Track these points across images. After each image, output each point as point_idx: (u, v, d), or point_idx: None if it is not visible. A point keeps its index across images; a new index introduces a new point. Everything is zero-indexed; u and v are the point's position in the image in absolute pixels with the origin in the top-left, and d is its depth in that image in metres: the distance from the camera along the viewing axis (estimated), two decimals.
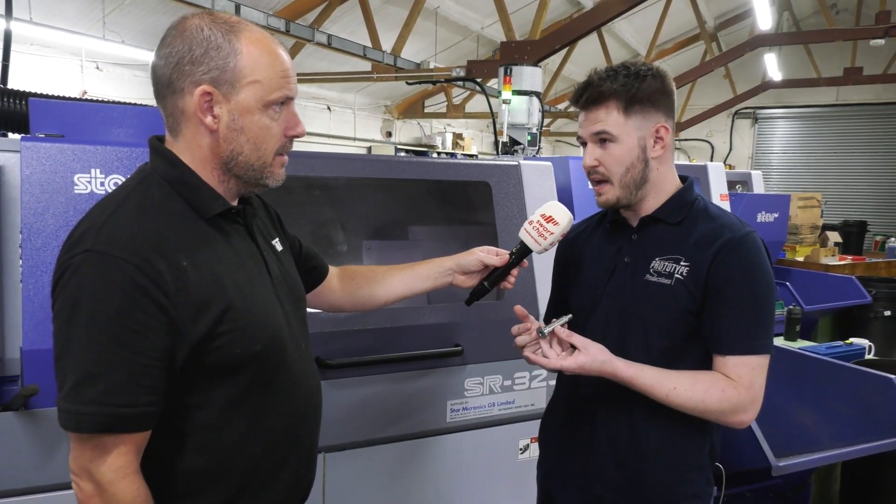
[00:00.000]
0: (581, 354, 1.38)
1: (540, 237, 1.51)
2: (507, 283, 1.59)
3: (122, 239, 1.05)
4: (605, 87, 1.44)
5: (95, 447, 1.04)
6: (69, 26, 7.15)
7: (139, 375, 1.04)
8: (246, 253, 1.23)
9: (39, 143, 1.60)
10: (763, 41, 10.87)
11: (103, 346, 1.02)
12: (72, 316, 1.03)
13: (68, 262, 1.05)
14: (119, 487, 1.05)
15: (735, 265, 1.39)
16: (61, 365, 1.05)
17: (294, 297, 1.33)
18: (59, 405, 1.05)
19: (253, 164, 1.17)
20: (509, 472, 2.17)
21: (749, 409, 1.40)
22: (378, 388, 1.92)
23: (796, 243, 6.44)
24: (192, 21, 1.13)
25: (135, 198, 1.12)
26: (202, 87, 1.11)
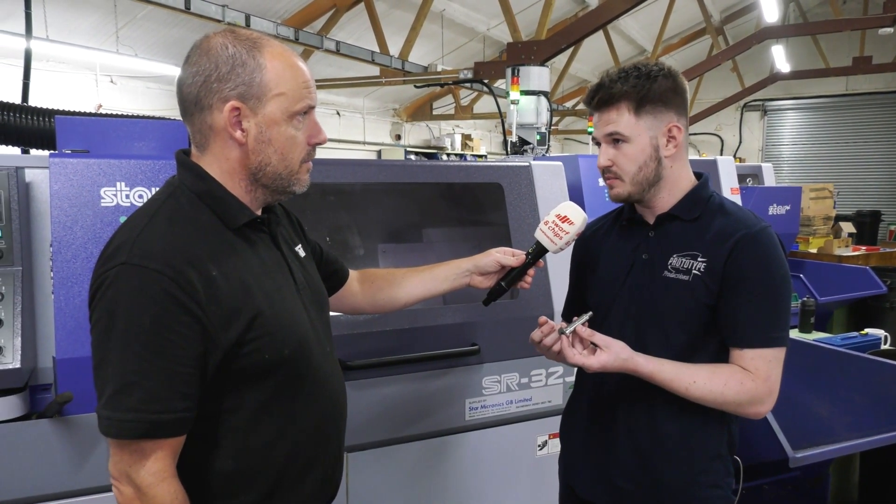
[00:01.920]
0: (604, 353, 1.42)
1: (556, 237, 1.54)
2: (524, 284, 1.61)
3: (155, 251, 1.09)
4: (616, 88, 1.47)
5: (134, 452, 1.08)
6: (84, 41, 7.26)
7: (175, 383, 1.08)
8: (272, 261, 1.26)
9: (67, 159, 1.66)
10: (770, 33, 10.82)
11: (140, 355, 1.06)
12: (109, 327, 1.07)
13: (104, 276, 1.10)
14: (157, 491, 1.09)
15: (751, 260, 1.43)
16: (100, 374, 1.09)
17: (318, 301, 1.37)
18: (98, 413, 1.09)
19: (280, 173, 1.21)
20: (528, 469, 2.21)
21: (766, 400, 1.44)
22: (398, 388, 1.97)
23: (809, 235, 6.42)
24: (215, 39, 1.17)
25: (165, 211, 1.16)
26: (231, 103, 1.15)
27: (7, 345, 1.55)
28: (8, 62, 6.96)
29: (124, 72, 8.36)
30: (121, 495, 1.11)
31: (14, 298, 1.60)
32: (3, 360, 1.54)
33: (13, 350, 1.55)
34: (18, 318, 1.58)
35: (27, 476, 1.56)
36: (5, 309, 1.57)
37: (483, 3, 9.61)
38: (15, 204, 1.65)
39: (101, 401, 1.09)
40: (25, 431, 1.56)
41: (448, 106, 13.32)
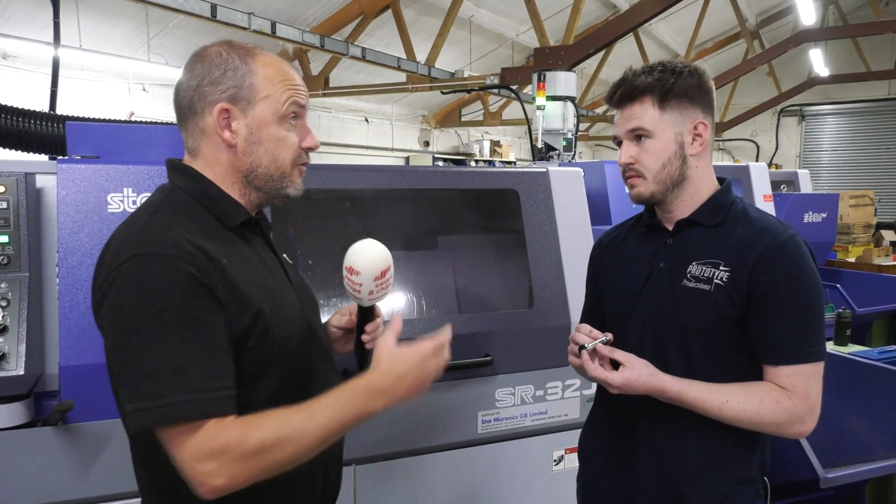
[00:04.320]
0: (626, 370, 1.35)
1: (354, 293, 1.32)
2: (371, 343, 1.39)
3: (166, 240, 1.08)
4: (640, 81, 1.41)
5: (196, 431, 1.02)
6: (116, 50, 7.43)
7: (221, 359, 1.07)
8: (269, 260, 1.28)
9: (74, 165, 1.65)
10: (807, 36, 10.57)
11: (181, 336, 1.03)
12: (134, 320, 1.04)
13: (115, 273, 1.06)
14: (236, 438, 1.03)
15: (780, 271, 1.34)
16: (132, 371, 1.03)
17: (311, 302, 1.39)
18: (136, 408, 1.02)
19: (272, 174, 1.22)
20: (544, 484, 2.14)
21: (807, 419, 1.35)
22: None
23: (848, 244, 6.21)
24: (211, 48, 1.21)
25: (164, 209, 1.16)
26: (220, 105, 1.17)
27: (11, 351, 1.54)
28: (45, 71, 7.14)
29: (156, 80, 8.52)
30: (210, 475, 1.02)
31: (20, 304, 1.59)
32: (6, 366, 1.53)
33: (17, 357, 1.54)
34: (24, 324, 1.58)
35: (31, 484, 1.55)
36: (11, 315, 1.57)
37: (512, 8, 9.57)
38: (23, 210, 1.65)
39: (137, 394, 1.02)
40: (29, 439, 1.56)
41: (477, 112, 13.31)
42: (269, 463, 1.05)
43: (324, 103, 10.93)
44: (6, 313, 1.57)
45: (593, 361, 1.38)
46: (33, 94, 5.96)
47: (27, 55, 7.18)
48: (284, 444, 1.05)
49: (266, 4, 7.41)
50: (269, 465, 1.05)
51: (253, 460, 1.03)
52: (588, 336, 1.40)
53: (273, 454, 1.05)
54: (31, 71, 7.33)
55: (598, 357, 1.39)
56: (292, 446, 1.06)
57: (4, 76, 7.23)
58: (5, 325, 1.56)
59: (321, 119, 11.25)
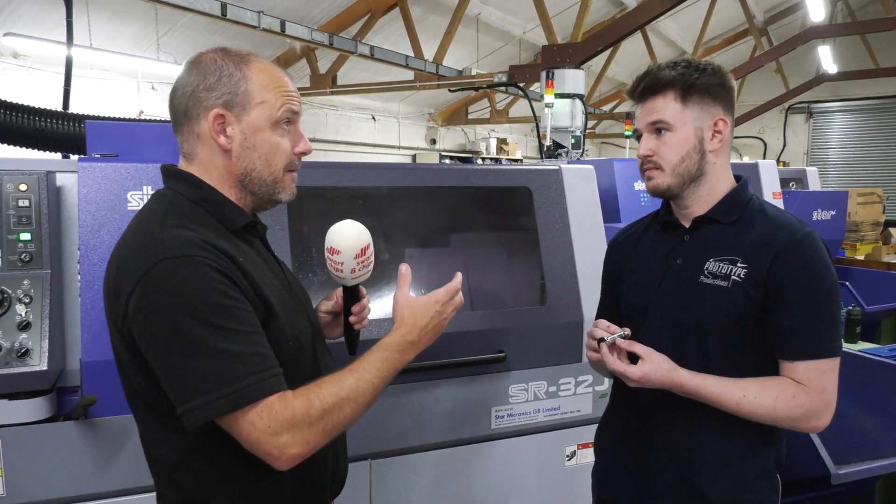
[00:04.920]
0: (645, 363, 1.37)
1: (337, 273, 1.36)
2: (358, 324, 1.45)
3: (188, 242, 1.12)
4: (664, 75, 1.43)
5: (264, 409, 1.08)
6: (126, 49, 7.47)
7: (263, 342, 1.13)
8: (270, 262, 1.32)
9: (95, 164, 1.68)
10: (816, 33, 10.53)
11: (228, 328, 1.08)
12: (182, 320, 1.07)
13: (146, 279, 1.08)
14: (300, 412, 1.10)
15: (798, 267, 1.35)
16: (193, 366, 1.07)
17: (307, 300, 1.43)
18: (208, 400, 1.05)
19: (265, 179, 1.25)
20: (557, 479, 2.16)
21: (823, 413, 1.37)
22: (423, 394, 1.94)
23: (857, 241, 6.21)
24: (206, 55, 1.23)
25: (173, 215, 1.18)
26: (215, 111, 1.20)
27: (34, 347, 1.57)
28: (55, 70, 7.19)
29: (165, 78, 8.57)
30: (286, 446, 1.09)
31: (42, 301, 1.62)
32: (30, 362, 1.56)
33: (40, 352, 1.57)
34: (46, 320, 1.60)
35: (53, 477, 1.58)
36: (33, 312, 1.60)
37: (519, 6, 9.57)
38: (45, 208, 1.67)
39: (206, 387, 1.06)
40: (52, 433, 1.58)
41: (483, 110, 13.31)
42: (333, 425, 1.13)
43: (331, 101, 10.96)
44: (29, 310, 1.60)
45: (612, 355, 1.40)
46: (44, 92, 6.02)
47: (37, 54, 7.24)
48: (343, 404, 1.14)
49: (274, 3, 7.43)
50: (334, 426, 1.14)
51: (320, 424, 1.11)
52: (606, 331, 1.42)
53: (335, 415, 1.13)
54: (41, 70, 7.39)
55: (617, 351, 1.40)
56: (350, 405, 1.15)
57: (15, 75, 7.29)
58: (28, 321, 1.58)
59: (328, 117, 11.28)
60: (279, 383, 1.11)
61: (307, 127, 10.97)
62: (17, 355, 1.55)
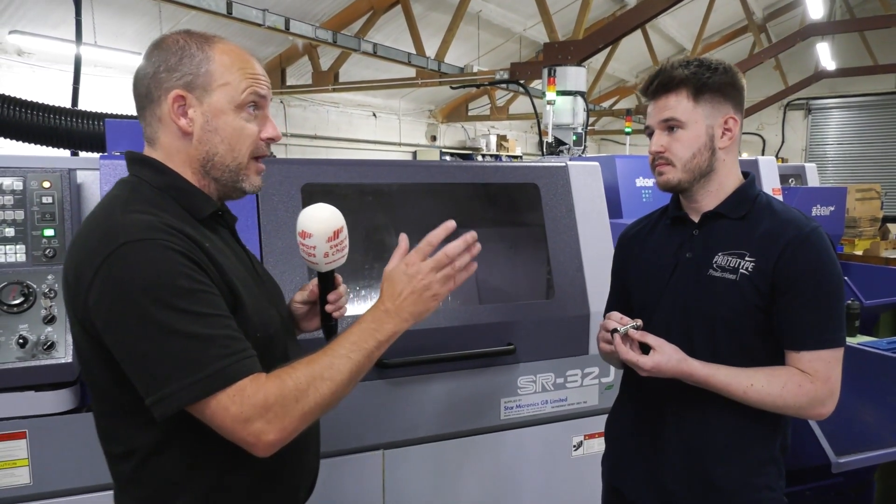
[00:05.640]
0: (657, 354, 1.42)
1: (310, 258, 1.32)
2: (336, 312, 1.41)
3: (149, 225, 1.07)
4: (677, 73, 1.47)
5: (237, 394, 1.04)
6: (130, 47, 7.49)
7: (232, 325, 1.08)
8: (238, 253, 1.28)
9: (116, 161, 1.72)
10: (815, 30, 10.57)
11: (196, 312, 1.04)
12: (145, 307, 1.01)
13: (106, 265, 1.03)
14: (273, 394, 1.06)
15: (804, 261, 1.40)
16: (161, 354, 1.02)
17: (277, 293, 1.39)
18: (180, 386, 1.01)
19: (228, 164, 1.20)
20: (564, 469, 2.21)
21: (827, 401, 1.42)
22: (433, 386, 1.98)
23: (855, 237, 6.25)
24: (170, 37, 1.19)
25: (136, 201, 1.13)
26: (175, 91, 1.16)
27: (60, 340, 1.61)
28: (59, 68, 7.22)
29: None
30: (262, 432, 1.04)
31: None
32: (55, 354, 1.60)
33: (65, 345, 1.61)
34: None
35: (77, 467, 1.62)
36: (58, 305, 1.64)
37: (520, 3, 9.60)
38: (67, 204, 1.71)
39: (176, 374, 1.02)
40: (76, 424, 1.62)
41: (484, 107, 13.34)
42: (311, 406, 1.08)
43: (333, 98, 10.98)
44: (53, 304, 1.64)
45: (625, 345, 1.45)
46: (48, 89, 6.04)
47: (42, 51, 7.26)
48: (318, 383, 1.09)
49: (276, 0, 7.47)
50: (312, 407, 1.08)
51: (296, 406, 1.06)
52: (619, 322, 1.46)
53: (311, 396, 1.08)
54: (45, 67, 7.41)
55: (629, 341, 1.45)
56: (326, 384, 1.09)
57: (20, 72, 7.31)
58: (53, 315, 1.62)
59: (330, 114, 11.31)
60: (253, 364, 1.07)
61: (309, 124, 11.07)
62: (42, 348, 1.59)
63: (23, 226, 1.66)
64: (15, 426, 1.57)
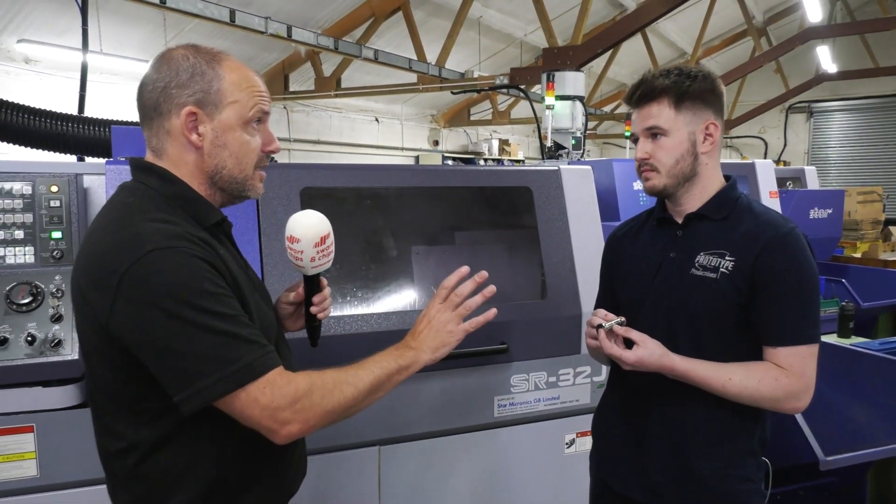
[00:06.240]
0: (640, 348, 1.47)
1: (297, 261, 1.39)
2: (321, 313, 1.48)
3: (171, 234, 1.14)
4: (658, 83, 1.54)
5: (267, 385, 1.12)
6: (134, 54, 7.58)
7: (252, 325, 1.17)
8: (237, 258, 1.35)
9: (121, 166, 1.78)
10: (814, 34, 10.61)
11: (222, 315, 1.11)
12: (174, 309, 1.08)
13: (132, 271, 1.08)
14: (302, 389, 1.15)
15: (781, 261, 1.46)
16: (194, 350, 1.09)
17: (268, 297, 1.45)
18: (214, 380, 1.08)
19: (236, 176, 1.28)
20: (557, 466, 2.25)
21: (802, 395, 1.48)
22: (428, 384, 2.04)
23: (857, 239, 6.26)
24: (177, 51, 1.24)
25: (149, 209, 1.19)
26: (188, 108, 1.21)
27: (66, 338, 1.67)
28: (66, 75, 7.31)
29: None
30: (287, 421, 1.13)
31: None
32: (62, 351, 1.66)
33: (71, 342, 1.67)
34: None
35: (82, 460, 1.67)
36: (65, 305, 1.70)
37: (520, 9, 9.67)
38: (74, 208, 1.78)
39: (209, 369, 1.09)
40: (82, 419, 1.66)
41: (485, 111, 13.41)
42: (333, 405, 1.18)
43: (335, 104, 11.06)
44: (60, 303, 1.70)
45: (609, 341, 1.50)
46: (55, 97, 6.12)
47: (48, 59, 7.36)
48: (343, 386, 1.20)
49: (278, 7, 7.54)
50: (335, 406, 1.18)
51: (321, 403, 1.17)
52: (604, 319, 1.52)
53: (335, 396, 1.18)
54: (51, 74, 7.50)
55: (614, 337, 1.51)
56: (350, 389, 1.21)
57: (27, 80, 7.41)
58: (60, 314, 1.69)
59: (332, 119, 11.38)
60: (277, 360, 1.15)
61: (312, 129, 11.15)
62: (50, 345, 1.65)
63: (31, 228, 1.73)
64: (23, 420, 1.63)
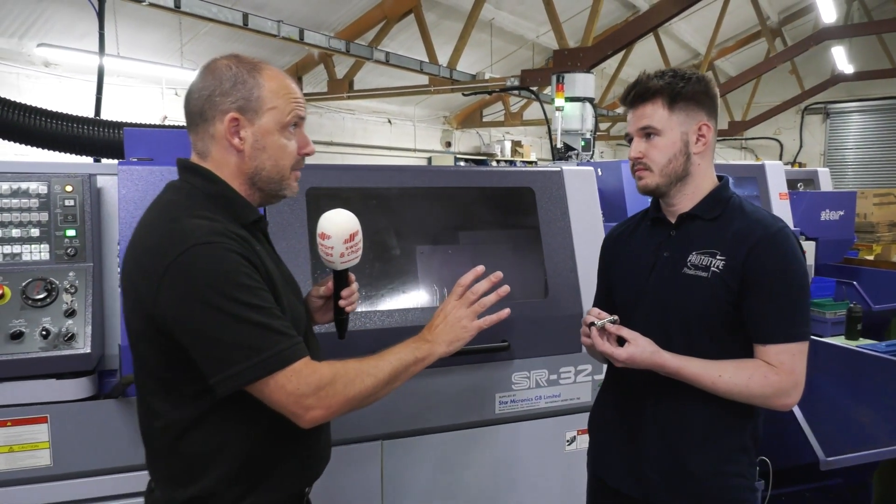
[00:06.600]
0: (631, 346, 1.51)
1: (327, 257, 1.49)
2: (349, 307, 1.58)
3: (213, 230, 1.24)
4: (652, 84, 1.57)
5: (293, 374, 1.21)
6: (151, 57, 7.71)
7: (283, 317, 1.26)
8: (272, 254, 1.44)
9: (133, 167, 1.85)
10: (828, 34, 10.54)
11: (256, 306, 1.21)
12: (213, 299, 1.18)
13: (177, 263, 1.19)
14: (326, 378, 1.24)
15: (770, 260, 1.49)
16: (231, 337, 1.18)
17: (299, 291, 1.55)
18: (248, 365, 1.18)
19: (273, 177, 1.37)
20: (557, 463, 2.28)
21: (792, 392, 1.50)
22: (431, 380, 2.07)
23: (872, 242, 6.22)
24: (221, 61, 1.35)
25: (194, 206, 1.29)
26: (231, 114, 1.31)
27: (79, 332, 1.73)
28: (83, 78, 7.46)
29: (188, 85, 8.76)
30: (312, 407, 1.22)
31: (86, 291, 1.78)
32: (75, 345, 1.72)
33: (84, 337, 1.73)
34: (89, 308, 1.77)
35: (94, 450, 1.74)
36: (78, 300, 1.76)
37: (532, 10, 9.69)
38: (88, 207, 1.84)
39: (244, 354, 1.18)
40: (94, 410, 1.74)
41: (498, 113, 13.43)
42: (354, 393, 1.27)
43: (348, 105, 11.15)
44: (74, 299, 1.77)
45: (602, 338, 1.54)
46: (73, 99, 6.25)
47: (67, 63, 7.50)
48: (363, 377, 1.29)
49: (292, 11, 7.64)
50: (356, 394, 1.27)
51: (343, 391, 1.26)
52: (597, 317, 1.56)
53: (356, 385, 1.27)
54: (70, 78, 7.66)
55: (607, 335, 1.54)
56: (370, 378, 1.30)
57: (47, 83, 7.56)
58: (74, 309, 1.75)
59: (345, 121, 11.47)
60: (304, 350, 1.25)
61: (325, 130, 11.25)
62: (64, 339, 1.71)
63: (47, 227, 1.79)
64: (37, 411, 1.69)
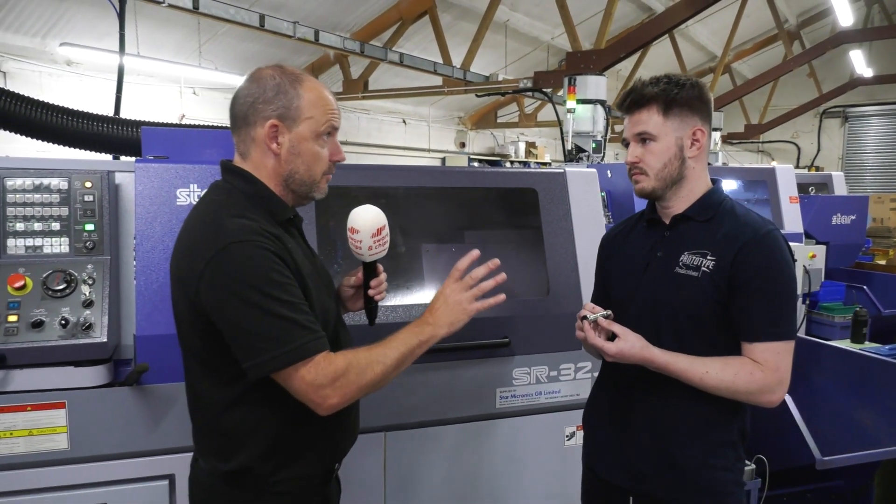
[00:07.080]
0: (621, 341, 1.56)
1: (357, 250, 1.60)
2: (378, 295, 1.70)
3: (249, 229, 1.35)
4: (647, 91, 1.63)
5: (313, 366, 1.32)
6: (170, 56, 7.85)
7: (309, 312, 1.37)
8: (305, 250, 1.54)
9: (149, 164, 1.93)
10: (846, 38, 10.46)
11: (284, 301, 1.32)
12: (246, 293, 1.30)
13: (217, 259, 1.31)
14: (341, 369, 1.35)
15: (758, 260, 1.54)
16: (262, 328, 1.30)
17: (331, 284, 1.65)
18: (274, 355, 1.30)
19: (305, 181, 1.49)
20: (556, 457, 2.34)
21: (776, 389, 1.55)
22: (433, 374, 2.14)
23: (889, 247, 6.19)
24: (266, 71, 1.46)
25: (234, 205, 1.41)
26: (271, 121, 1.43)
27: (97, 322, 1.82)
28: (104, 77, 7.61)
29: (206, 84, 8.94)
30: (329, 396, 1.33)
31: (103, 283, 1.87)
32: (93, 334, 1.80)
33: (101, 326, 1.81)
34: (106, 299, 1.85)
35: (110, 435, 1.82)
36: (96, 292, 1.84)
37: (547, 12, 9.72)
38: (106, 202, 1.93)
39: (272, 345, 1.30)
40: (109, 397, 1.82)
41: (512, 114, 13.46)
42: (367, 381, 1.38)
43: (363, 106, 11.25)
44: (92, 290, 1.85)
45: (595, 332, 1.59)
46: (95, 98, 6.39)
47: (89, 62, 7.66)
48: (374, 365, 1.39)
49: (308, 11, 7.74)
50: (368, 382, 1.38)
51: (356, 380, 1.37)
52: (590, 312, 1.61)
53: (368, 374, 1.38)
54: (92, 76, 7.81)
55: (600, 329, 1.60)
56: (380, 366, 1.40)
57: (69, 82, 7.72)
58: (91, 299, 1.83)
59: (360, 121, 11.57)
60: (325, 344, 1.36)
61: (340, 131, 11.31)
62: (81, 328, 1.79)
63: (67, 221, 1.88)
64: (56, 397, 1.77)
